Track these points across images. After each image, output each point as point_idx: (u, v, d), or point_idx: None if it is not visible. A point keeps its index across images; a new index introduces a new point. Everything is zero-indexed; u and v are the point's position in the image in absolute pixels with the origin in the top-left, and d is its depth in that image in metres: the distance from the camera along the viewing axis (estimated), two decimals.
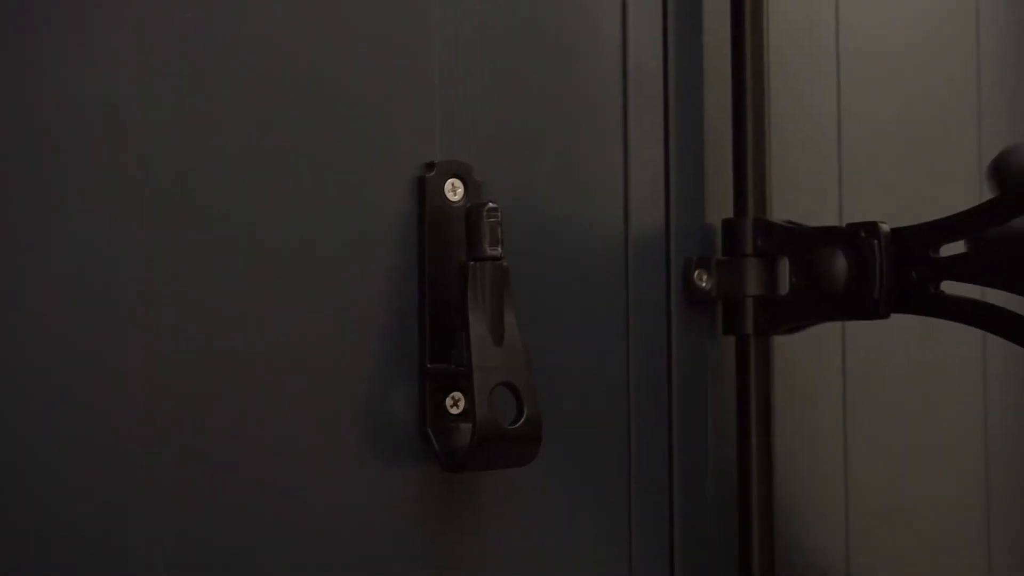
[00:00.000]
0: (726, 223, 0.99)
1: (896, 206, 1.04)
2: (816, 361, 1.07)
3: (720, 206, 1.00)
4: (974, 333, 1.05)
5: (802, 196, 1.05)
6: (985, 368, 1.16)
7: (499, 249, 0.86)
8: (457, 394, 0.88)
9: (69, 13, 0.77)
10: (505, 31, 0.92)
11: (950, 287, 0.93)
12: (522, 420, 0.85)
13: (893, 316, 0.95)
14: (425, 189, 0.88)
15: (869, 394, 1.08)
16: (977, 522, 1.14)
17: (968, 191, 1.12)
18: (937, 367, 1.06)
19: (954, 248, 0.93)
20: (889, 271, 0.94)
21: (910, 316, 0.95)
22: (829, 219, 1.07)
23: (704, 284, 0.98)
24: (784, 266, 0.98)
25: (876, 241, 0.94)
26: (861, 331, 1.04)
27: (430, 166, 0.88)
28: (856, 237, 0.95)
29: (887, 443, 1.09)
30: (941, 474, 1.13)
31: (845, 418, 1.07)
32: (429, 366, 0.87)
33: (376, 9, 0.87)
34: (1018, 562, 1.16)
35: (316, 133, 0.85)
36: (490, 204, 0.86)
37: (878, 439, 1.09)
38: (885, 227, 0.95)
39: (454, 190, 0.89)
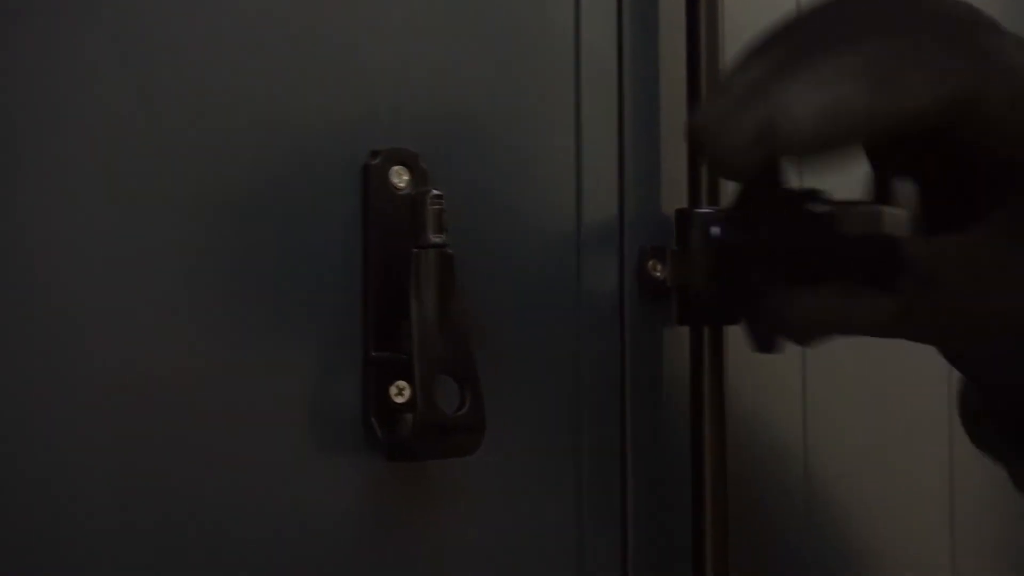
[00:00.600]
0: (679, 213, 0.98)
1: (855, 195, 1.02)
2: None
3: (678, 196, 0.99)
4: None
5: None
6: None
7: (443, 236, 0.85)
8: (402, 383, 0.87)
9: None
10: (455, 18, 0.92)
11: None
12: (465, 408, 0.85)
13: None
14: (369, 176, 0.87)
15: (830, 387, 1.07)
16: (941, 517, 1.13)
17: None
18: (901, 358, 1.05)
19: None
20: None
21: None
22: None
23: (659, 274, 0.97)
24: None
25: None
26: None
27: (375, 153, 0.87)
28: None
29: (848, 437, 1.08)
30: (904, 469, 1.12)
31: (805, 411, 1.06)
32: (373, 354, 0.87)
33: None
34: (982, 560, 1.15)
35: (259, 120, 0.84)
36: (434, 191, 0.85)
37: (839, 433, 1.08)
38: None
39: (400, 177, 0.88)
